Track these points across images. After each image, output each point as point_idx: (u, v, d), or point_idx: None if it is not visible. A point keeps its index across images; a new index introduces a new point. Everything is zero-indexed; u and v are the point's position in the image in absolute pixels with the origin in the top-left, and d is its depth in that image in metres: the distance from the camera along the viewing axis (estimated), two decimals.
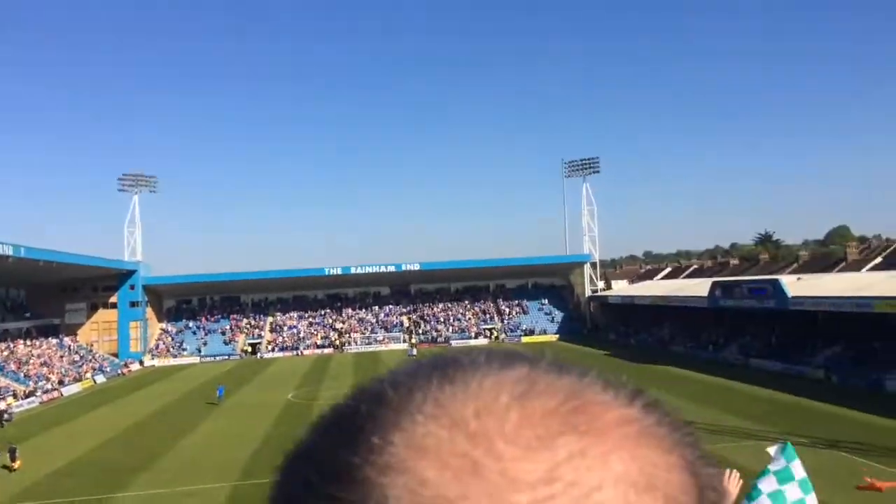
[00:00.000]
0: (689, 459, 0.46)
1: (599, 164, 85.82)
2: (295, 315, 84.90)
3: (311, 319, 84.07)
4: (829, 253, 77.03)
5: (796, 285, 48.40)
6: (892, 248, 67.31)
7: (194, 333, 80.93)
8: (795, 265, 68.39)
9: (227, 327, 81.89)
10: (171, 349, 77.52)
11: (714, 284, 55.85)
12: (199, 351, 77.08)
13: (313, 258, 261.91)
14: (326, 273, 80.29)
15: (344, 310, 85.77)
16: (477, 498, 0.39)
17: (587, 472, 0.41)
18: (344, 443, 0.43)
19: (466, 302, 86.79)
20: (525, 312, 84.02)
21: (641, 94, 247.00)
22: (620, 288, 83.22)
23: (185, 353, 76.66)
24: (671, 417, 0.49)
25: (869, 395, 35.83)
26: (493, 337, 78.74)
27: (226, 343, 79.03)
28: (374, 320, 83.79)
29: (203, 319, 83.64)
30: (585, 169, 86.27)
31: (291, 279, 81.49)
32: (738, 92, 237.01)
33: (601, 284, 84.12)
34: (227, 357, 75.62)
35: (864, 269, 57.47)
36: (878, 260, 62.31)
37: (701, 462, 0.47)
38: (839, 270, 59.79)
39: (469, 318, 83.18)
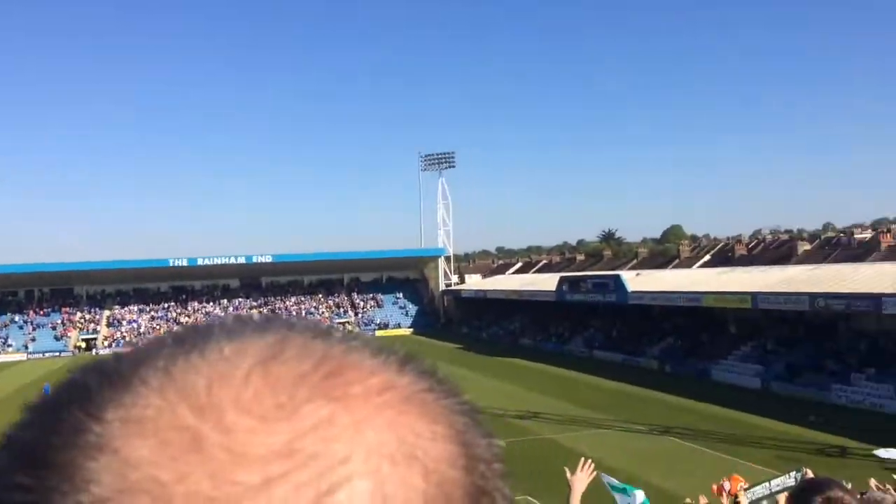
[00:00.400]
0: (460, 429, 0.42)
1: (455, 158, 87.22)
2: (135, 308, 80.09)
3: (153, 313, 79.62)
4: (664, 250, 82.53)
5: (635, 280, 51.29)
6: (719, 246, 73.17)
7: (21, 328, 74.43)
8: (635, 261, 72.70)
9: (59, 321, 75.96)
10: None
11: (561, 279, 58.11)
12: (27, 347, 70.98)
13: (156, 248, 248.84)
14: (170, 264, 76.33)
15: (189, 303, 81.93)
16: (197, 479, 0.34)
17: (333, 443, 0.37)
18: (47, 422, 0.37)
19: (320, 295, 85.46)
20: (380, 306, 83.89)
21: (496, 91, 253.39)
22: (473, 282, 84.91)
23: (9, 349, 70.31)
24: (444, 385, 0.45)
25: (697, 384, 38.60)
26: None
27: (57, 339, 73.26)
28: (222, 314, 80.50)
29: (31, 313, 77.11)
30: (441, 163, 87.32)
31: (131, 270, 76.72)
32: (582, 94, 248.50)
33: (455, 278, 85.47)
34: (58, 354, 70.11)
35: (695, 266, 61.95)
36: (707, 257, 67.50)
37: (475, 433, 0.44)
38: (673, 267, 64.06)
39: (323, 312, 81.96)
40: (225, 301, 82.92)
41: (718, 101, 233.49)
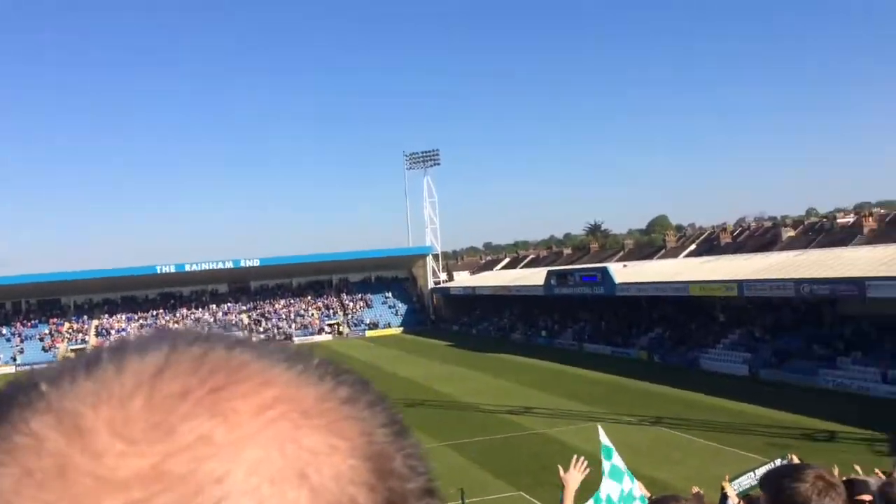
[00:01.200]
0: (371, 442, 0.40)
1: (440, 156, 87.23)
2: (123, 317, 79.71)
3: (142, 321, 79.27)
4: (650, 241, 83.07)
5: (623, 272, 51.52)
6: (704, 235, 73.62)
7: (8, 341, 73.90)
8: (622, 253, 73.07)
9: (46, 332, 75.50)
10: None
11: (549, 273, 58.27)
12: (15, 359, 70.48)
13: (143, 256, 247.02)
14: (158, 271, 76.02)
15: (178, 309, 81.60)
16: None
17: (207, 463, 0.34)
18: None
19: (309, 297, 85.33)
20: (369, 306, 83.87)
21: (478, 87, 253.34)
22: (462, 279, 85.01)
23: None
24: (364, 396, 0.42)
25: (686, 373, 38.88)
26: (337, 332, 78.01)
27: (45, 350, 72.76)
28: (211, 319, 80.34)
29: (18, 325, 76.60)
30: (426, 161, 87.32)
31: (119, 278, 76.41)
32: (566, 87, 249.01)
33: (443, 276, 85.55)
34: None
35: (681, 256, 62.30)
36: (693, 247, 67.88)
37: (390, 447, 0.41)
38: (660, 257, 64.42)
39: (312, 314, 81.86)
40: (214, 306, 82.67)
41: (697, 91, 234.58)
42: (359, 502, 0.37)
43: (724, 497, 13.66)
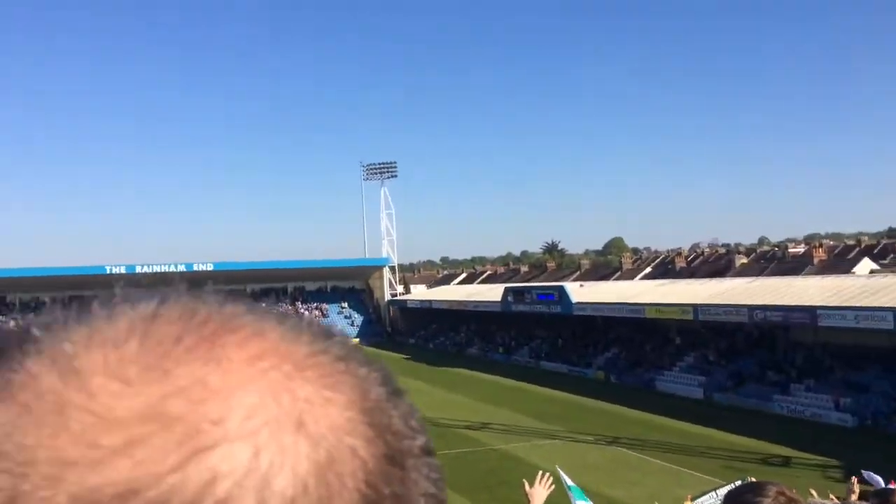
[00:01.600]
0: (366, 398, 0.40)
1: (397, 168, 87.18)
2: None
3: None
4: (607, 262, 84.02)
5: (579, 292, 51.84)
6: (659, 259, 74.86)
7: None
8: (578, 273, 73.69)
9: None
10: None
11: (506, 290, 58.42)
12: None
13: (95, 255, 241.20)
14: (107, 272, 74.01)
15: None
16: (60, 442, 0.33)
17: (203, 405, 0.35)
18: None
19: (263, 304, 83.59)
20: (325, 316, 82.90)
21: (438, 102, 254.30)
22: (419, 292, 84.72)
23: None
24: (358, 355, 0.44)
25: (643, 394, 39.19)
26: None
27: None
28: None
29: None
30: (384, 173, 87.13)
31: (67, 277, 74.25)
32: (525, 106, 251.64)
33: (400, 289, 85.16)
34: None
35: (636, 278, 63.09)
36: (648, 269, 68.89)
37: (386, 404, 0.41)
38: (616, 278, 65.13)
39: None
40: None
41: (658, 121, 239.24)
42: (359, 454, 0.37)
43: None
